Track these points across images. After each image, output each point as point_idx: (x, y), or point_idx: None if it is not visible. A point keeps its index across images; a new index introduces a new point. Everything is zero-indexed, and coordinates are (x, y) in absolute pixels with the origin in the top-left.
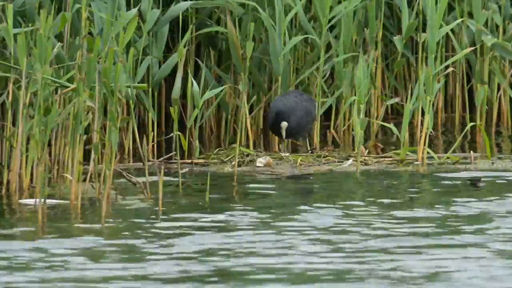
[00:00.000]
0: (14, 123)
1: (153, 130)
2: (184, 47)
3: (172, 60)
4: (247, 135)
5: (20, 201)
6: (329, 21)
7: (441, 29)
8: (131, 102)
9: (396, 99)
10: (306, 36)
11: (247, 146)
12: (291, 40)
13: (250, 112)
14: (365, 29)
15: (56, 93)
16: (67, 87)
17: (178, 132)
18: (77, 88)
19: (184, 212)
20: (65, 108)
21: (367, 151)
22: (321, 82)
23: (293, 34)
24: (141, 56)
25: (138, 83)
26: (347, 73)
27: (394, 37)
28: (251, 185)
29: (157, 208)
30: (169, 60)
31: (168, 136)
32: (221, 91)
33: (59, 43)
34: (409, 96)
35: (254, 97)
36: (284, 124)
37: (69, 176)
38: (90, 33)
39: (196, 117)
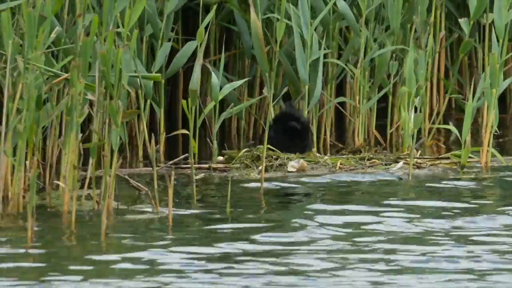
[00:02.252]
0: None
1: (159, 130)
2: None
3: (190, 46)
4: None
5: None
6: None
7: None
8: (140, 93)
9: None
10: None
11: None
12: (319, 51)
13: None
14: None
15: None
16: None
17: (185, 131)
18: (70, 77)
19: (199, 227)
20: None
21: (419, 152)
22: (361, 77)
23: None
24: (161, 40)
25: (156, 73)
26: (394, 66)
27: (460, 20)
28: (280, 195)
29: (166, 223)
30: (186, 46)
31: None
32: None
33: (57, 27)
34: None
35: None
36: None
37: (61, 184)
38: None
39: (216, 114)
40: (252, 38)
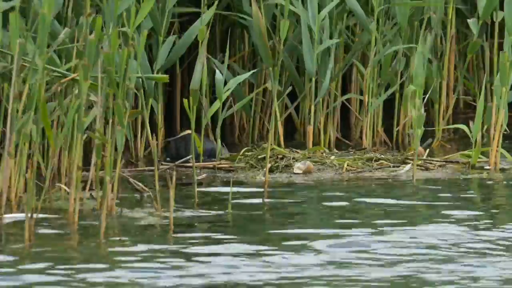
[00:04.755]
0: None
1: (153, 128)
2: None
3: (185, 40)
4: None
5: (5, 215)
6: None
7: None
8: (142, 93)
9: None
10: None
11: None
12: (328, 41)
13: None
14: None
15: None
16: (67, 76)
17: (189, 131)
18: (79, 77)
19: (200, 230)
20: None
21: (427, 152)
22: (370, 75)
23: (335, 18)
24: (162, 37)
25: (158, 71)
26: (402, 62)
27: (469, 20)
28: (285, 197)
29: (168, 224)
30: (182, 40)
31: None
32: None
33: (66, 28)
34: (482, 89)
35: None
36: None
37: (63, 186)
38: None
39: (219, 112)
40: (255, 32)
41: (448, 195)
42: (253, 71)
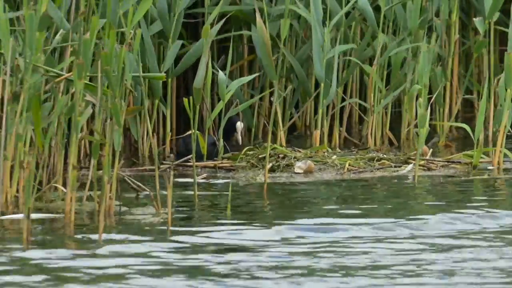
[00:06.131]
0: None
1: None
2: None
3: (199, 46)
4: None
5: (2, 217)
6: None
7: None
8: (144, 91)
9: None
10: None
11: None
12: (338, 47)
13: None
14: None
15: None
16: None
17: (192, 131)
18: (73, 76)
19: (199, 229)
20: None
21: (430, 151)
22: (377, 76)
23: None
24: (170, 40)
25: (164, 71)
26: (411, 65)
27: (474, 19)
28: (286, 197)
29: (166, 225)
30: (197, 45)
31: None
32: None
33: (62, 30)
34: (485, 90)
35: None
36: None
37: (59, 186)
38: None
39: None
40: (259, 45)
41: (450, 194)
42: (257, 74)
